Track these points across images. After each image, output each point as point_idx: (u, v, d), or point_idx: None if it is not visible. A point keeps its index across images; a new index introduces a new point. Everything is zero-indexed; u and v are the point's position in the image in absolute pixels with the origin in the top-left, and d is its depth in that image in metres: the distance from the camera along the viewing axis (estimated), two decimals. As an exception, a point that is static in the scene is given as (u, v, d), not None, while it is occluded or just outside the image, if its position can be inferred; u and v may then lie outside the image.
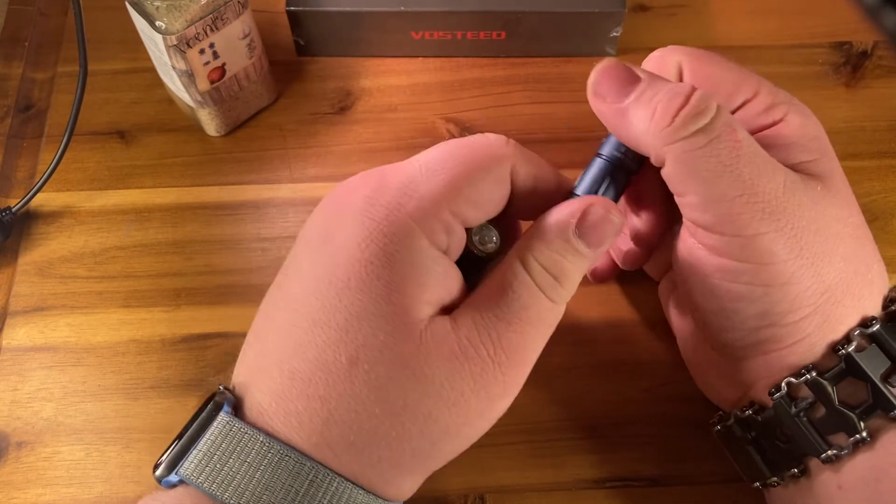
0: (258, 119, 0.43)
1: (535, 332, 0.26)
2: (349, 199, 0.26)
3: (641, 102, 0.26)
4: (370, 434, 0.24)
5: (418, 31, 0.43)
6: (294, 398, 0.25)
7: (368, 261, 0.24)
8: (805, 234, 0.26)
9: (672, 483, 0.34)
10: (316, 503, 0.24)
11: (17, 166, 0.42)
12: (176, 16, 0.35)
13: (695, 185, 0.26)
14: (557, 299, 0.26)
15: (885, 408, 0.25)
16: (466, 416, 0.25)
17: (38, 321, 0.37)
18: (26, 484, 0.34)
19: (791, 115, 0.28)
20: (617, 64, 0.27)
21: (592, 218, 0.26)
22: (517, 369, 0.26)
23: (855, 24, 0.45)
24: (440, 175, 0.25)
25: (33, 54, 0.45)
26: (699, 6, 0.46)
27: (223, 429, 0.25)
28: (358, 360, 0.24)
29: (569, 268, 0.26)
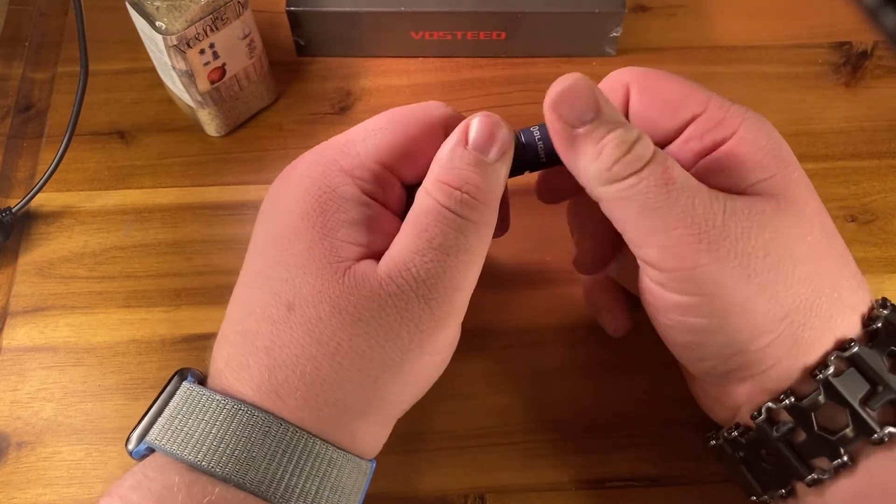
0: (258, 119, 0.43)
1: (454, 262, 0.26)
2: (295, 168, 0.28)
3: (592, 139, 0.26)
4: (312, 377, 0.25)
5: (418, 31, 0.43)
6: (244, 354, 0.26)
7: (305, 212, 0.26)
8: (752, 261, 0.25)
9: (672, 483, 0.34)
10: (270, 452, 0.25)
11: (17, 166, 0.42)
12: (176, 16, 0.35)
13: (630, 223, 0.26)
14: (470, 213, 0.26)
15: (865, 432, 0.25)
16: (402, 351, 0.26)
17: (39, 321, 0.37)
18: (26, 484, 0.34)
19: (742, 129, 0.27)
20: (584, 85, 0.26)
21: (478, 126, 0.26)
22: (443, 300, 0.26)
23: (855, 24, 0.45)
24: (375, 135, 0.27)
25: (33, 54, 0.45)
26: (699, 6, 0.46)
27: (184, 395, 0.26)
28: (294, 305, 0.25)
29: (472, 177, 0.26)
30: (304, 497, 0.25)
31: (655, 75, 0.29)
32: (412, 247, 0.26)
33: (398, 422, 0.32)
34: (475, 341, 0.36)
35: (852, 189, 0.40)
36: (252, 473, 0.24)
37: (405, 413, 0.34)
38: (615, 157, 0.25)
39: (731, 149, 0.27)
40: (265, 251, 0.27)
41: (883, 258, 0.38)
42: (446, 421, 0.35)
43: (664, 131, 0.28)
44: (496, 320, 0.37)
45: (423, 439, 0.34)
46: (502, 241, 0.39)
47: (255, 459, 0.24)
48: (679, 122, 0.28)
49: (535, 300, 0.38)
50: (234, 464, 0.24)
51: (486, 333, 0.37)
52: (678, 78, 0.29)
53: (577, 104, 0.26)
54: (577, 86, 0.26)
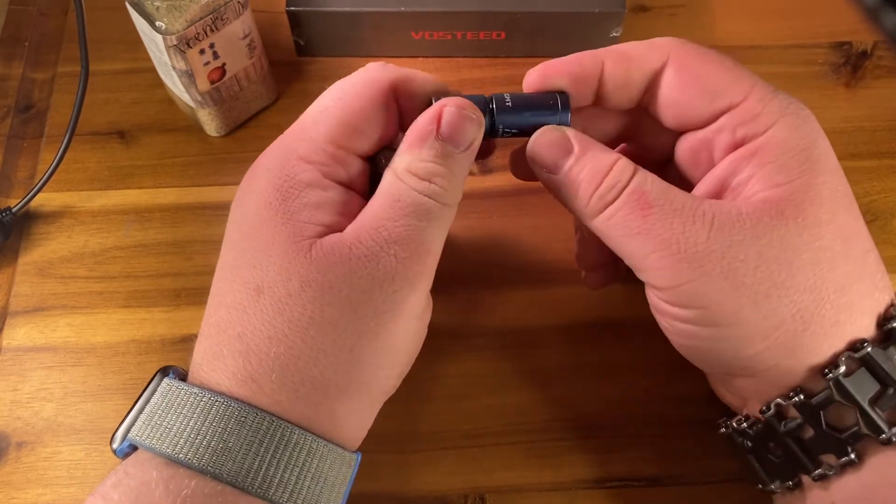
0: (258, 119, 0.43)
1: (423, 226, 0.27)
2: (258, 164, 0.28)
3: (569, 178, 0.27)
4: (286, 356, 0.25)
5: (418, 31, 0.43)
6: (218, 344, 0.26)
7: (268, 202, 0.27)
8: (740, 274, 0.25)
9: (672, 483, 0.34)
10: (247, 442, 0.25)
11: (18, 166, 0.42)
12: (176, 16, 0.35)
13: (618, 248, 0.27)
14: (439, 198, 0.27)
15: (873, 432, 0.25)
16: (375, 314, 0.26)
17: (39, 321, 0.37)
18: (26, 484, 0.34)
19: (775, 128, 0.27)
20: (552, 135, 0.28)
21: (448, 119, 0.27)
22: (413, 259, 0.26)
23: (855, 24, 0.45)
24: (325, 116, 0.28)
25: (33, 54, 0.45)
26: (699, 6, 0.46)
27: (164, 391, 0.26)
28: (263, 288, 0.26)
29: (436, 168, 0.27)
30: (284, 487, 0.25)
31: (699, 55, 0.28)
32: (382, 214, 0.26)
33: (398, 422, 0.32)
34: (475, 341, 0.36)
35: (852, 189, 0.40)
36: (229, 464, 0.24)
37: (405, 413, 0.34)
38: (589, 192, 0.27)
39: (758, 147, 0.27)
40: (233, 244, 0.27)
41: (883, 258, 0.38)
42: (446, 421, 0.35)
43: (698, 116, 0.28)
44: (496, 320, 0.37)
45: (422, 439, 0.34)
46: (502, 240, 0.39)
47: (231, 450, 0.24)
48: (715, 110, 0.28)
49: (535, 300, 0.38)
50: (210, 455, 0.24)
51: (486, 333, 0.37)
52: (724, 60, 0.28)
53: (548, 151, 0.28)
54: (546, 136, 0.28)
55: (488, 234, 0.39)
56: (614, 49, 0.29)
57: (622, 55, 0.28)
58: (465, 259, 0.38)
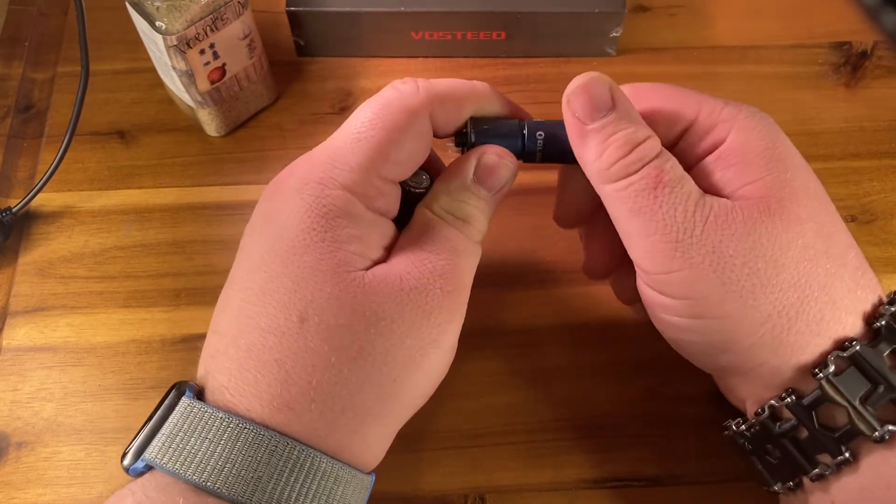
0: (258, 119, 0.43)
1: (463, 261, 0.28)
2: (284, 183, 0.28)
3: (600, 135, 0.27)
4: (330, 384, 0.25)
5: (418, 31, 0.43)
6: (251, 369, 0.25)
7: (310, 227, 0.26)
8: (728, 269, 0.26)
9: (672, 483, 0.34)
10: (277, 472, 0.24)
11: (18, 166, 0.42)
12: (176, 16, 0.35)
13: (621, 223, 0.28)
14: (469, 237, 0.28)
15: (864, 431, 0.25)
16: (420, 345, 0.26)
17: (39, 321, 0.37)
18: (26, 484, 0.34)
19: (733, 133, 0.27)
20: (600, 83, 0.27)
21: (486, 164, 0.29)
22: (456, 292, 0.27)
23: (855, 24, 0.45)
24: (363, 145, 0.27)
25: (33, 54, 0.45)
26: (699, 6, 0.46)
27: (184, 411, 0.25)
28: (308, 316, 0.25)
29: (472, 211, 0.29)
30: None
31: (646, 88, 0.29)
32: (426, 248, 0.27)
33: (398, 422, 0.32)
34: (475, 341, 0.36)
35: (852, 189, 0.40)
36: (259, 494, 0.24)
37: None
38: (616, 158, 0.27)
39: (721, 153, 0.27)
40: (264, 265, 0.26)
41: (883, 258, 0.38)
42: (446, 421, 0.35)
43: (665, 142, 0.28)
44: (496, 320, 0.37)
45: (423, 439, 0.34)
46: (502, 241, 0.39)
47: (261, 480, 0.24)
48: (677, 133, 0.29)
49: (535, 300, 0.38)
50: (241, 485, 0.24)
51: (486, 333, 0.37)
52: (668, 87, 0.29)
53: (590, 101, 0.27)
54: (593, 83, 0.27)
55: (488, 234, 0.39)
56: None
57: None
58: (465, 259, 0.38)
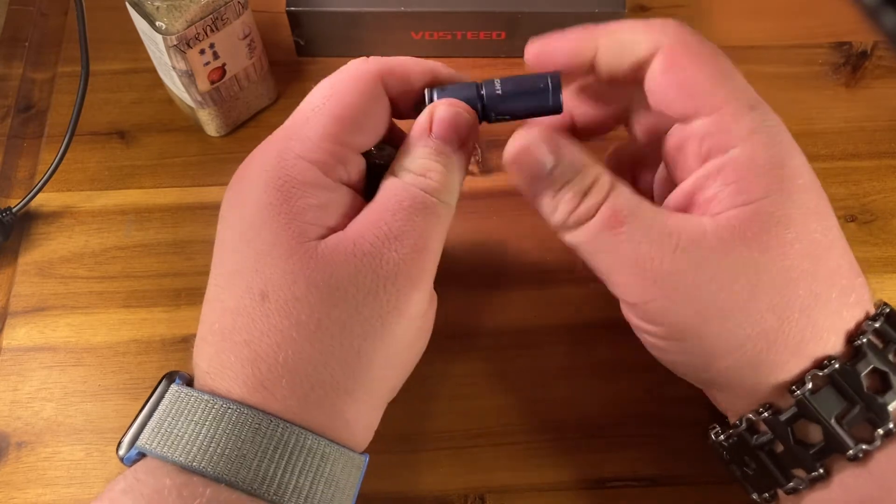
0: (258, 119, 0.43)
1: (423, 221, 0.27)
2: (247, 166, 0.28)
3: (547, 196, 0.28)
4: (295, 361, 0.25)
5: (418, 31, 0.43)
6: (224, 351, 0.26)
7: (269, 203, 0.26)
8: (703, 294, 0.25)
9: (672, 483, 0.34)
10: (261, 449, 0.24)
11: (18, 166, 0.42)
12: (176, 16, 0.35)
13: (592, 263, 0.28)
14: (435, 193, 0.27)
15: (838, 449, 0.25)
16: (379, 314, 0.26)
17: (39, 321, 0.37)
18: (26, 484, 0.34)
19: (742, 147, 0.26)
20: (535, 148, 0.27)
21: (440, 116, 0.28)
22: (416, 254, 0.26)
23: (855, 24, 0.45)
24: (318, 113, 0.27)
25: (33, 54, 0.45)
26: (699, 6, 0.46)
27: (172, 397, 0.26)
28: (268, 293, 0.25)
29: (431, 164, 0.28)
30: (298, 493, 0.25)
31: (687, 50, 0.27)
32: (381, 210, 0.27)
33: (398, 422, 0.32)
34: (475, 341, 0.36)
35: (852, 189, 0.40)
36: (244, 472, 0.24)
37: (405, 413, 0.34)
38: (567, 211, 0.27)
39: (723, 165, 0.26)
40: (231, 249, 0.27)
41: (883, 258, 0.38)
42: (446, 421, 0.35)
43: (672, 109, 0.28)
44: (496, 320, 0.37)
45: (423, 439, 0.34)
46: (502, 241, 0.39)
47: (246, 458, 0.24)
48: (687, 111, 0.27)
49: (535, 300, 0.38)
50: (225, 463, 0.24)
51: (486, 333, 0.37)
52: (713, 62, 0.27)
53: (527, 170, 0.28)
54: (527, 151, 0.28)
55: (488, 234, 0.39)
56: (610, 31, 0.29)
57: (615, 40, 0.28)
58: (466, 259, 0.38)
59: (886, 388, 0.25)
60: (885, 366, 0.25)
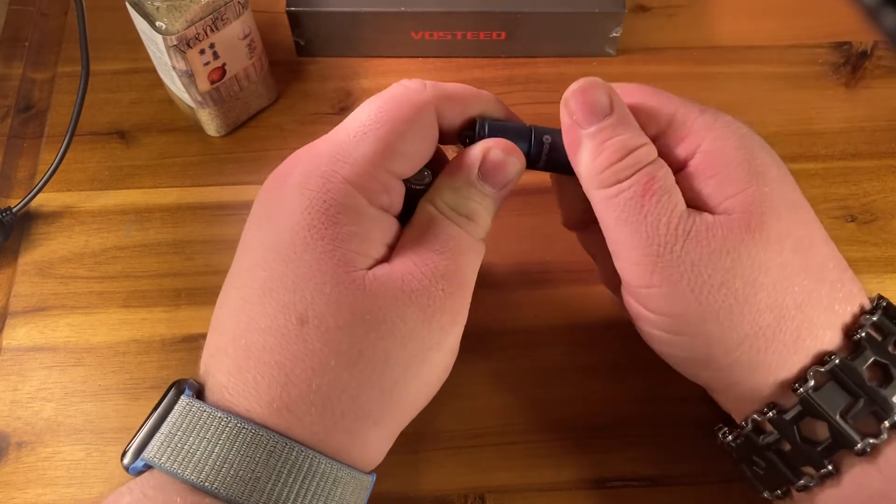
0: (258, 119, 0.43)
1: (466, 260, 0.27)
2: (286, 177, 0.27)
3: (596, 140, 0.27)
4: (329, 387, 0.25)
5: (418, 31, 0.43)
6: (250, 369, 0.25)
7: (311, 224, 0.25)
8: (706, 288, 0.25)
9: (672, 483, 0.34)
10: (275, 473, 0.24)
11: (18, 166, 0.42)
12: (176, 16, 0.35)
13: (608, 231, 0.27)
14: (473, 234, 0.28)
15: (845, 444, 0.25)
16: (422, 349, 0.26)
17: (39, 321, 0.37)
18: (26, 484, 0.34)
19: (706, 143, 0.27)
20: (599, 88, 0.27)
21: (492, 160, 0.28)
22: (458, 293, 0.27)
23: (855, 24, 0.45)
24: (369, 138, 0.26)
25: (33, 54, 0.45)
26: (699, 6, 0.46)
27: (183, 410, 0.25)
28: (308, 318, 0.25)
29: (477, 207, 0.28)
30: None
31: (626, 88, 0.29)
32: (429, 247, 0.26)
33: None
34: (475, 341, 0.36)
35: (852, 189, 0.40)
36: (257, 496, 0.24)
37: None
38: (608, 162, 0.26)
39: (697, 165, 0.27)
40: (265, 263, 0.26)
41: (883, 258, 0.38)
42: (446, 421, 0.35)
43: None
44: (496, 320, 0.37)
45: (423, 439, 0.34)
46: (502, 241, 0.39)
47: (259, 480, 0.24)
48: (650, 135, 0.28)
49: (535, 300, 0.38)
50: (238, 485, 0.24)
51: (486, 333, 0.37)
52: (648, 88, 0.28)
53: (587, 105, 0.27)
54: (592, 87, 0.27)
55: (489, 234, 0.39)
56: None
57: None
58: (465, 259, 0.38)
59: (888, 380, 0.25)
60: (886, 358, 0.25)
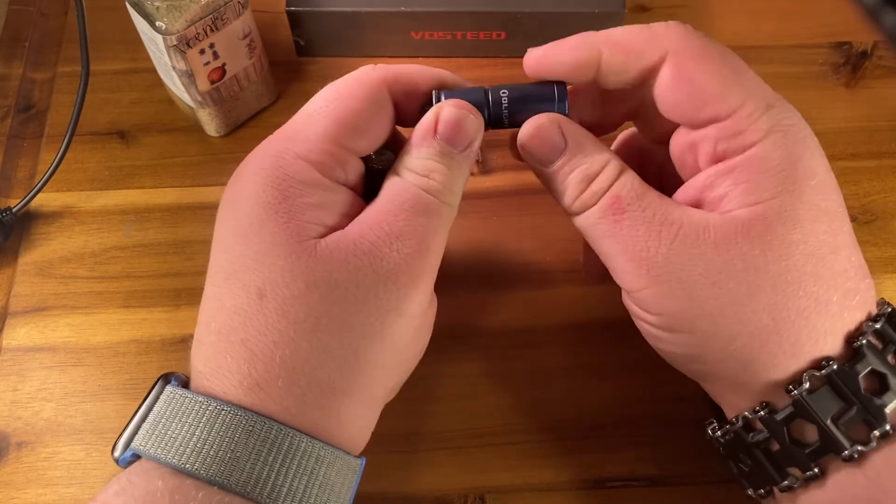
0: (258, 119, 0.43)
1: (424, 222, 0.27)
2: (245, 164, 0.28)
3: (559, 177, 0.28)
4: (292, 361, 0.25)
5: (418, 31, 0.43)
6: (221, 351, 0.25)
7: (266, 202, 0.26)
8: (697, 288, 0.25)
9: (672, 483, 0.34)
10: (255, 452, 0.24)
11: (18, 166, 0.42)
12: (176, 16, 0.35)
13: (594, 246, 0.28)
14: (433, 193, 0.27)
15: (834, 449, 0.25)
16: (380, 313, 0.26)
17: (39, 321, 0.37)
18: (26, 484, 0.34)
19: (759, 146, 0.26)
20: (549, 127, 0.28)
21: (446, 117, 0.28)
22: (417, 255, 0.26)
23: (855, 24, 0.45)
24: (320, 115, 0.27)
25: (33, 54, 0.45)
26: (699, 6, 0.46)
27: (167, 399, 0.25)
28: (266, 291, 0.25)
29: (434, 165, 0.27)
30: (292, 496, 0.25)
31: (698, 55, 0.27)
32: (384, 210, 0.27)
33: (398, 422, 0.32)
34: (475, 341, 0.36)
35: (852, 189, 0.40)
36: (237, 474, 0.24)
37: (405, 413, 0.34)
38: (575, 195, 0.28)
39: (735, 166, 0.26)
40: (228, 248, 0.26)
41: (883, 258, 0.38)
42: (446, 421, 0.35)
43: (686, 119, 0.27)
44: (496, 320, 0.37)
45: (423, 439, 0.34)
46: (502, 241, 0.39)
47: (239, 460, 0.24)
48: (702, 119, 0.27)
49: (535, 300, 0.38)
50: (218, 465, 0.24)
51: (486, 333, 0.37)
52: (725, 63, 0.27)
53: (542, 147, 0.28)
54: (543, 129, 0.28)
55: (488, 234, 0.39)
56: (612, 38, 0.28)
57: (619, 47, 0.28)
58: (466, 259, 0.38)
59: (884, 389, 0.25)
60: (884, 367, 0.25)
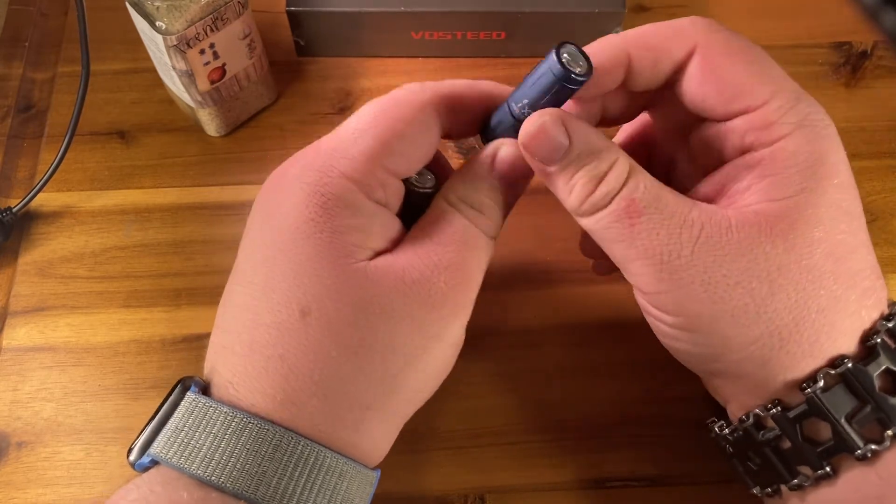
0: (258, 119, 0.43)
1: (471, 255, 0.27)
2: (285, 174, 0.27)
3: (564, 176, 0.27)
4: (330, 378, 0.25)
5: (418, 31, 0.43)
6: (255, 364, 0.25)
7: (310, 217, 0.26)
8: (719, 288, 0.25)
9: (672, 483, 0.34)
10: (282, 466, 0.24)
11: (18, 166, 0.42)
12: (176, 16, 0.35)
13: (606, 249, 0.28)
14: (481, 227, 0.28)
15: (846, 448, 0.25)
16: (422, 338, 0.26)
17: (39, 321, 0.37)
18: (26, 484, 0.34)
19: (787, 140, 0.26)
20: (552, 124, 0.26)
21: (503, 157, 0.28)
22: (462, 286, 0.27)
23: (855, 24, 0.45)
24: (367, 135, 0.27)
25: (33, 54, 0.45)
26: (699, 6, 0.46)
27: (190, 406, 0.25)
28: (310, 309, 0.25)
29: (487, 201, 0.28)
30: None
31: (726, 48, 0.27)
32: (434, 239, 0.27)
33: (398, 422, 0.32)
34: (475, 341, 0.36)
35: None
36: (263, 489, 0.24)
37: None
38: (583, 196, 0.27)
39: (762, 158, 0.26)
40: (266, 259, 0.26)
41: (883, 258, 0.38)
42: (446, 421, 0.35)
43: (714, 112, 0.27)
44: (496, 320, 0.37)
45: (423, 439, 0.34)
46: (503, 241, 0.39)
47: (266, 474, 0.24)
48: (731, 111, 0.27)
49: (535, 300, 0.38)
50: (245, 479, 0.24)
51: (486, 333, 0.37)
52: (752, 56, 0.27)
53: (545, 145, 0.27)
54: (545, 127, 0.26)
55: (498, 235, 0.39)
56: (638, 38, 0.28)
57: (648, 47, 0.28)
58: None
59: None
60: None
